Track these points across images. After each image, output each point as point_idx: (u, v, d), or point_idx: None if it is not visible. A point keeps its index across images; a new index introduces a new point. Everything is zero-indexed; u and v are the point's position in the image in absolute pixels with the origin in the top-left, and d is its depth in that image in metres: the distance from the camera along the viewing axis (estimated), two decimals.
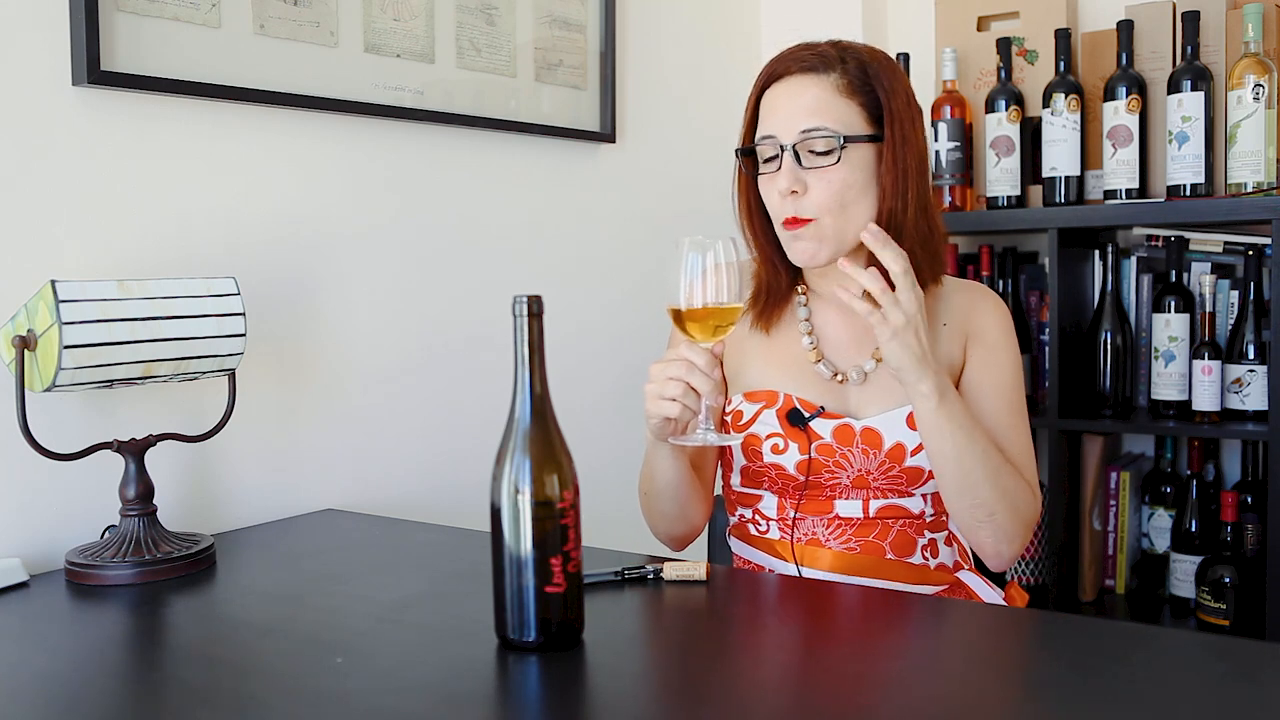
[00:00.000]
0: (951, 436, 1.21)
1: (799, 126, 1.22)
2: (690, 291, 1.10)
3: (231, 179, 1.43)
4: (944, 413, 1.20)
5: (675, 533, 1.34)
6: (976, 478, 1.22)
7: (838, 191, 1.22)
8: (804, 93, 1.24)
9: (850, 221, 1.24)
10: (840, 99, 1.23)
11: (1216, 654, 0.93)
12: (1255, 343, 1.89)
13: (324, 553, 1.31)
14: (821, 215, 1.23)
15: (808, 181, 1.22)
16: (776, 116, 1.25)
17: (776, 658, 0.98)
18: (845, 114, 1.23)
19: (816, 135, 1.22)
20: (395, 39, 1.61)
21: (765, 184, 1.27)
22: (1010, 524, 1.25)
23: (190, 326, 1.23)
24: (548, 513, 0.91)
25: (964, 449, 1.21)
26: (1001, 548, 1.26)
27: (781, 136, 1.23)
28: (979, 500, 1.23)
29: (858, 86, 1.24)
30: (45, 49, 1.25)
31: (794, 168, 1.22)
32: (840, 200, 1.23)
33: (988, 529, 1.25)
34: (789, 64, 1.25)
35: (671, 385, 1.13)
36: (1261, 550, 1.91)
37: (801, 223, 1.23)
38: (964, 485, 1.22)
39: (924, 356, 1.19)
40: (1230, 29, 1.92)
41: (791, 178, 1.22)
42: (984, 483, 1.22)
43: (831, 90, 1.23)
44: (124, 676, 0.94)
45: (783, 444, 1.28)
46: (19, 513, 1.24)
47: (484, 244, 1.78)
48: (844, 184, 1.22)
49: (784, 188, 1.22)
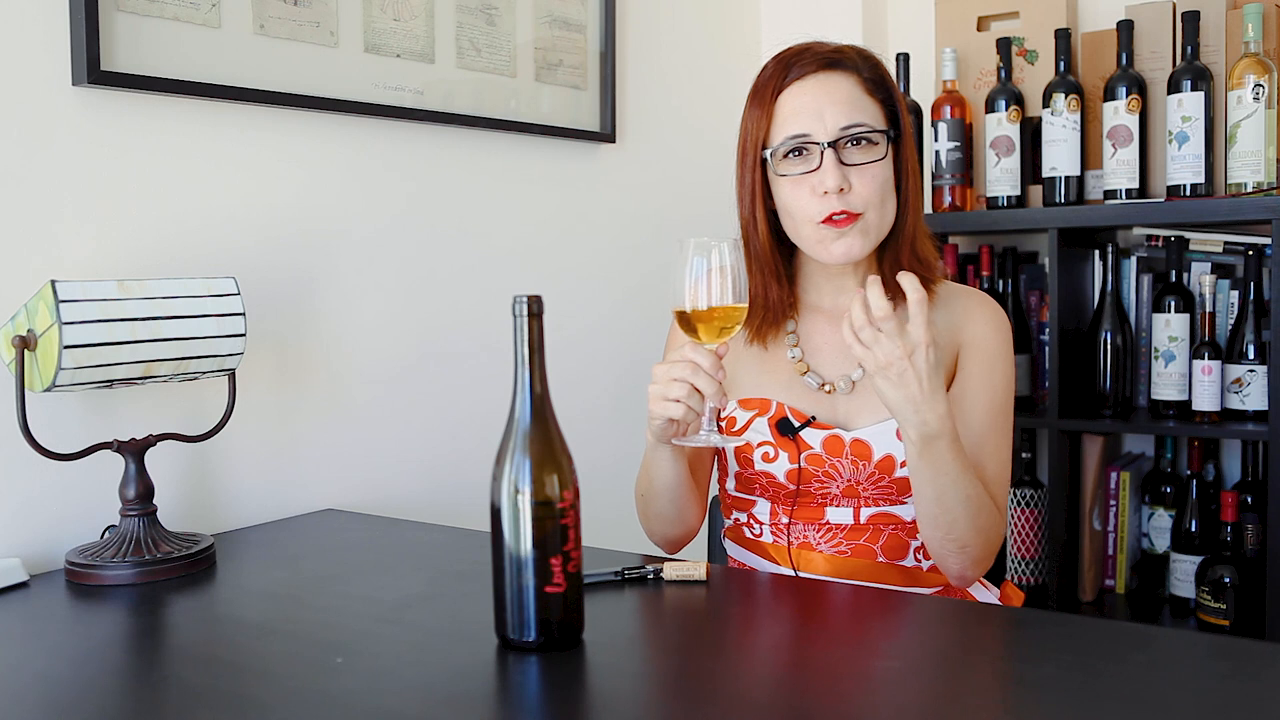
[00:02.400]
0: (933, 479, 1.17)
1: (839, 123, 1.22)
2: (695, 292, 1.10)
3: (231, 179, 1.43)
4: (926, 463, 1.16)
5: (670, 535, 1.34)
6: (954, 516, 1.19)
7: (880, 185, 1.23)
8: (836, 89, 1.23)
9: (887, 216, 1.25)
10: (867, 97, 1.25)
11: (1216, 654, 0.93)
12: (1255, 343, 1.89)
13: (324, 553, 1.31)
14: (867, 210, 1.23)
15: (851, 179, 1.22)
16: (808, 115, 1.23)
17: (776, 657, 0.98)
18: (874, 111, 1.25)
19: (859, 131, 1.22)
20: (395, 39, 1.61)
21: (796, 185, 1.24)
22: (980, 552, 1.23)
23: (190, 326, 1.23)
24: (548, 513, 0.91)
25: (945, 495, 1.18)
26: (967, 572, 1.24)
27: (817, 134, 1.22)
28: (953, 535, 1.21)
29: (876, 86, 1.26)
30: (45, 49, 1.25)
31: (838, 165, 1.21)
32: (882, 194, 1.24)
33: (956, 558, 1.23)
34: (808, 63, 1.24)
35: (676, 386, 1.12)
36: (1261, 550, 1.91)
37: (851, 218, 1.22)
38: (940, 522, 1.20)
39: (911, 402, 1.12)
40: (1230, 29, 1.92)
41: (839, 175, 1.21)
42: (961, 521, 1.19)
43: (860, 87, 1.25)
44: (124, 676, 0.94)
45: (773, 453, 1.27)
46: (19, 513, 1.24)
47: (484, 244, 1.78)
48: (885, 178, 1.24)
49: (832, 185, 1.20)
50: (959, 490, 1.18)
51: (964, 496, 1.18)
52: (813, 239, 1.25)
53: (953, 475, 1.17)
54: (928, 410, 1.13)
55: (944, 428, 1.14)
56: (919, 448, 1.15)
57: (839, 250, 1.24)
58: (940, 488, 1.17)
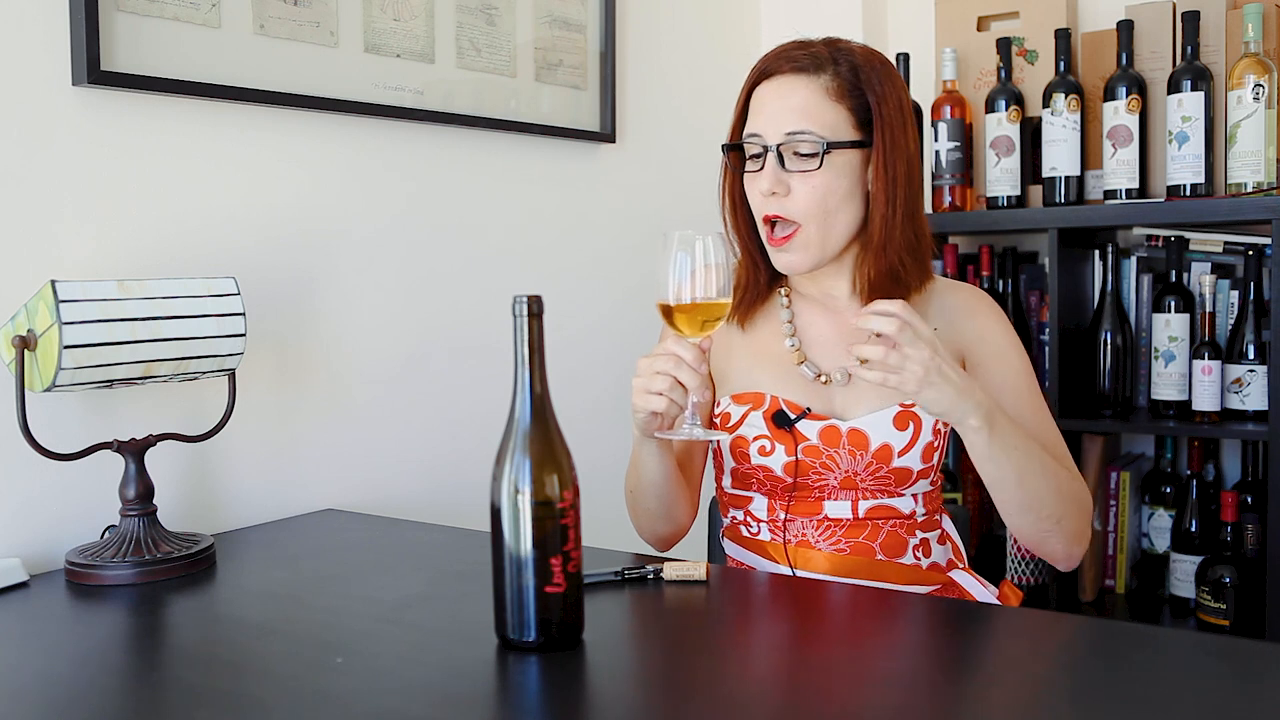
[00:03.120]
0: (1011, 462, 1.17)
1: (784, 128, 1.22)
2: (679, 286, 1.10)
3: (231, 179, 1.43)
4: (998, 442, 1.16)
5: (660, 532, 1.34)
6: (1041, 493, 1.19)
7: (820, 196, 1.22)
8: (792, 94, 1.23)
9: (833, 228, 1.25)
10: (828, 102, 1.23)
11: (1216, 654, 0.93)
12: (1255, 343, 1.89)
13: (324, 553, 1.31)
14: (806, 222, 1.23)
15: (790, 184, 1.23)
16: (763, 115, 1.25)
17: (776, 657, 0.98)
18: (832, 118, 1.23)
19: (800, 138, 1.22)
20: (395, 39, 1.61)
21: (749, 181, 1.28)
22: (1076, 523, 1.23)
23: (190, 326, 1.23)
24: (548, 513, 0.91)
25: (1025, 470, 1.18)
26: (1073, 549, 1.24)
27: (766, 136, 1.24)
28: (1045, 512, 1.20)
29: (848, 90, 1.23)
30: (45, 49, 1.25)
31: (777, 169, 1.23)
32: (823, 206, 1.23)
33: (1056, 536, 1.22)
34: (780, 62, 1.25)
35: (658, 380, 1.12)
36: (1261, 550, 1.91)
37: (786, 236, 1.24)
38: (1029, 504, 1.20)
39: (960, 391, 1.12)
40: (1230, 29, 1.92)
41: (774, 179, 1.23)
42: (1049, 496, 1.19)
43: (820, 93, 1.23)
44: (124, 676, 0.94)
45: (769, 446, 1.27)
46: (19, 513, 1.24)
47: (484, 244, 1.78)
48: (826, 189, 1.22)
49: (765, 189, 1.23)
50: (1033, 461, 1.18)
51: (1040, 467, 1.19)
52: (765, 239, 1.28)
53: (1023, 448, 1.18)
54: (976, 392, 1.15)
55: (993, 403, 1.16)
56: (988, 430, 1.15)
57: (782, 263, 1.27)
58: (1019, 466, 1.17)
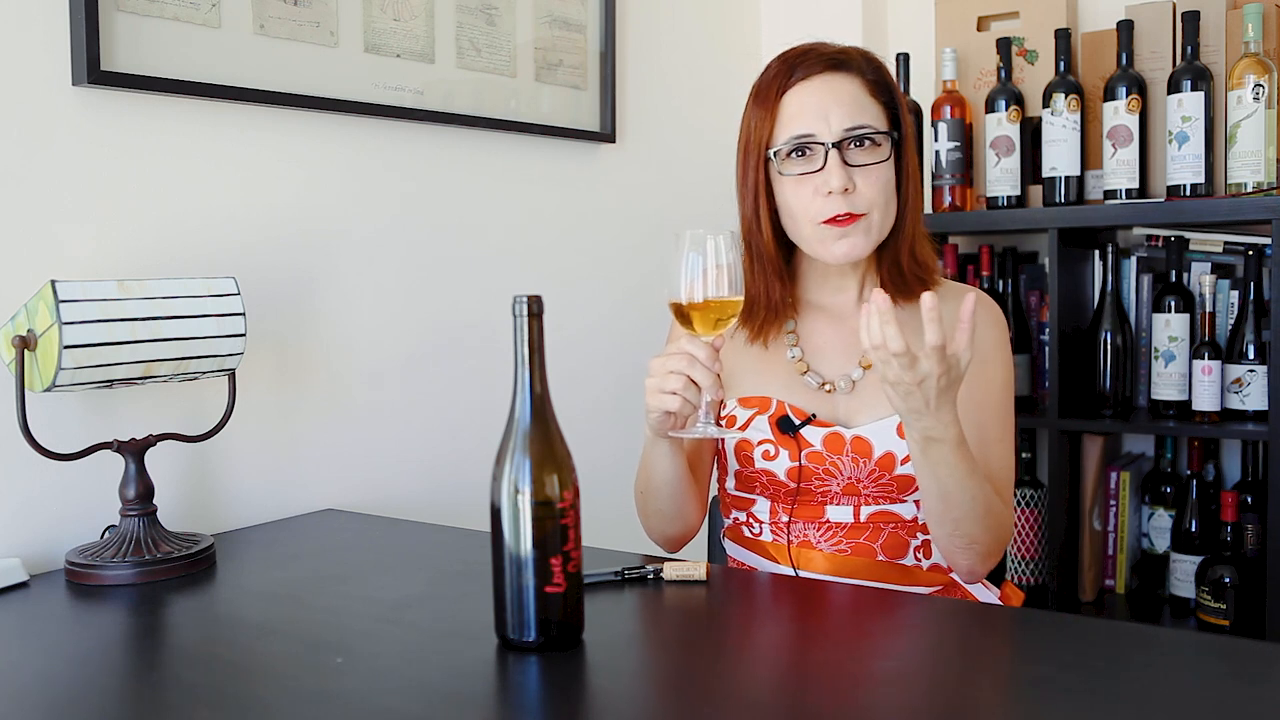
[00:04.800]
0: (934, 475, 1.17)
1: (843, 124, 1.23)
2: (691, 285, 1.10)
3: (231, 179, 1.43)
4: (928, 458, 1.15)
5: (670, 533, 1.34)
6: (960, 514, 1.19)
7: (884, 186, 1.25)
8: (841, 90, 1.25)
9: (889, 217, 1.27)
10: (870, 98, 1.26)
11: (1216, 654, 0.93)
12: (1255, 343, 1.89)
13: (324, 553, 1.31)
14: (871, 210, 1.24)
15: (855, 179, 1.23)
16: (811, 115, 1.24)
17: (776, 657, 0.98)
18: (875, 112, 1.26)
19: (863, 132, 1.23)
20: (395, 39, 1.61)
21: (799, 184, 1.25)
22: (989, 548, 1.23)
23: (190, 326, 1.23)
24: (548, 513, 0.91)
25: (950, 491, 1.17)
26: (976, 567, 1.25)
27: (821, 135, 1.23)
28: (960, 531, 1.21)
29: (879, 88, 1.27)
30: (45, 49, 1.25)
31: (842, 166, 1.22)
32: (886, 194, 1.25)
33: (965, 553, 1.23)
34: (813, 63, 1.25)
35: (672, 379, 1.12)
36: (1261, 550, 1.91)
37: (854, 218, 1.23)
38: (946, 519, 1.20)
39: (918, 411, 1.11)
40: (1230, 29, 1.92)
41: (844, 175, 1.22)
42: (967, 518, 1.19)
43: (864, 89, 1.26)
44: (124, 676, 0.94)
45: (773, 450, 1.28)
46: (19, 513, 1.24)
47: (484, 244, 1.78)
48: (888, 180, 1.25)
49: (837, 186, 1.21)
50: (964, 490, 1.17)
51: (969, 496, 1.18)
52: (814, 238, 1.26)
53: (958, 476, 1.16)
54: (931, 419, 1.11)
55: (947, 434, 1.13)
56: (920, 448, 1.15)
57: (841, 250, 1.25)
58: (944, 486, 1.17)
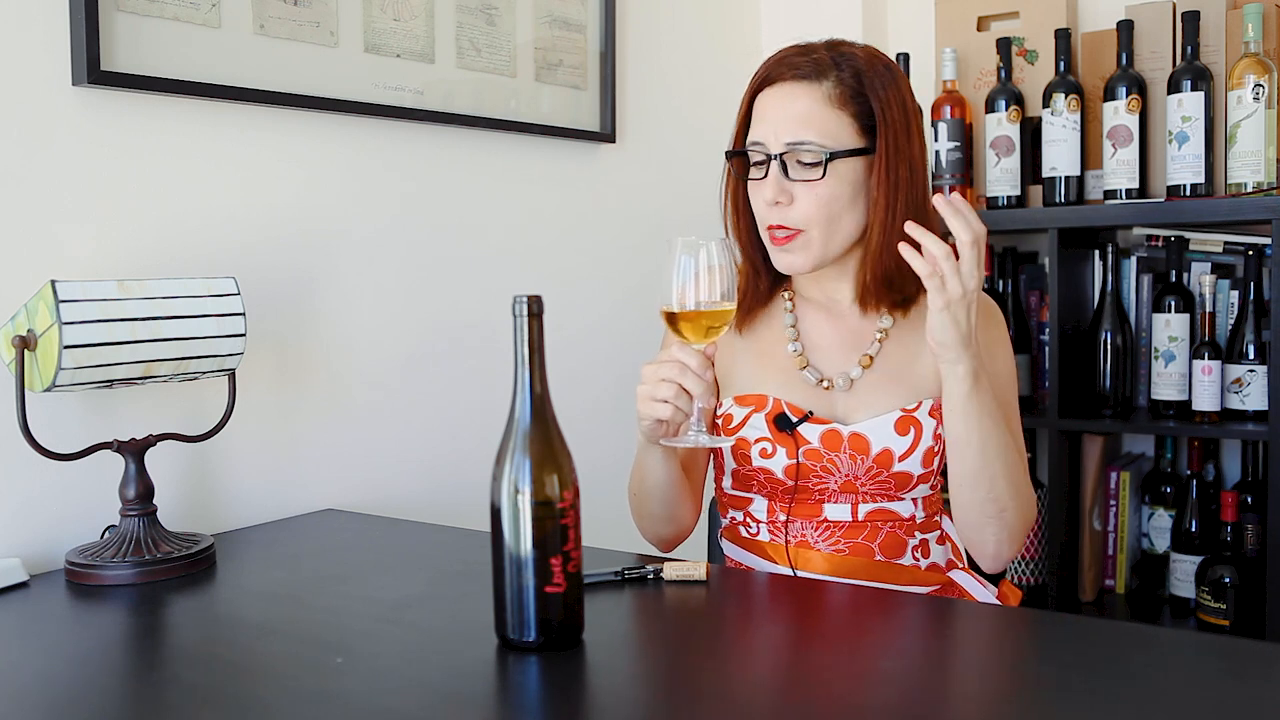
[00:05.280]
0: (979, 423, 1.19)
1: (786, 137, 1.22)
2: (683, 293, 1.10)
3: (232, 179, 1.43)
4: (975, 398, 1.19)
5: (663, 534, 1.34)
6: (996, 470, 1.21)
7: (824, 205, 1.22)
8: (794, 102, 1.23)
9: (837, 233, 1.25)
10: (831, 110, 1.22)
11: (1216, 654, 0.94)
12: (1255, 343, 1.89)
13: (324, 553, 1.31)
14: (809, 227, 1.23)
15: (794, 193, 1.22)
16: (765, 124, 1.24)
17: (775, 657, 0.98)
18: (835, 126, 1.22)
19: (803, 148, 1.21)
20: (395, 39, 1.61)
21: (753, 189, 1.27)
22: (1016, 523, 1.25)
23: (190, 326, 1.23)
24: (548, 513, 0.91)
25: (989, 437, 1.20)
26: (1003, 548, 1.26)
27: (769, 145, 1.23)
28: (994, 494, 1.22)
29: (850, 96, 1.22)
30: (45, 49, 1.25)
31: (780, 178, 1.22)
32: (826, 213, 1.23)
33: (994, 526, 1.24)
34: (782, 69, 1.24)
35: (663, 387, 1.12)
36: (1261, 550, 1.91)
37: (789, 236, 1.24)
38: (982, 476, 1.21)
39: (969, 336, 1.16)
40: (1230, 29, 1.92)
41: (777, 188, 1.22)
42: (1001, 476, 1.21)
43: (822, 101, 1.22)
44: (124, 676, 0.94)
45: (771, 448, 1.27)
46: (19, 513, 1.24)
47: (484, 244, 1.78)
48: (830, 197, 1.22)
49: (769, 198, 1.23)
50: (999, 437, 1.20)
51: (1002, 446, 1.21)
52: (768, 243, 1.28)
53: (994, 418, 1.20)
54: (974, 347, 1.17)
55: (983, 369, 1.19)
56: (971, 381, 1.18)
57: (784, 263, 1.27)
58: (985, 432, 1.19)
